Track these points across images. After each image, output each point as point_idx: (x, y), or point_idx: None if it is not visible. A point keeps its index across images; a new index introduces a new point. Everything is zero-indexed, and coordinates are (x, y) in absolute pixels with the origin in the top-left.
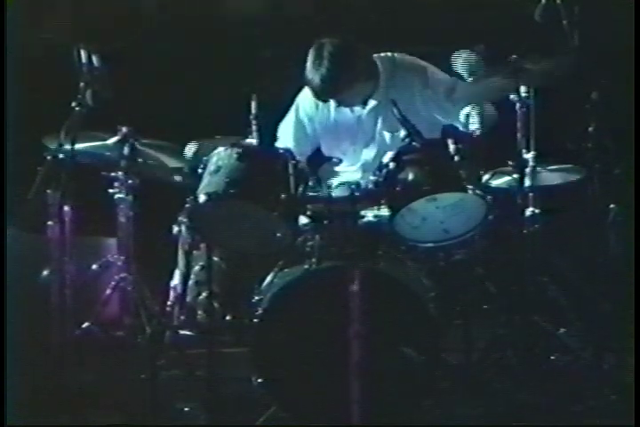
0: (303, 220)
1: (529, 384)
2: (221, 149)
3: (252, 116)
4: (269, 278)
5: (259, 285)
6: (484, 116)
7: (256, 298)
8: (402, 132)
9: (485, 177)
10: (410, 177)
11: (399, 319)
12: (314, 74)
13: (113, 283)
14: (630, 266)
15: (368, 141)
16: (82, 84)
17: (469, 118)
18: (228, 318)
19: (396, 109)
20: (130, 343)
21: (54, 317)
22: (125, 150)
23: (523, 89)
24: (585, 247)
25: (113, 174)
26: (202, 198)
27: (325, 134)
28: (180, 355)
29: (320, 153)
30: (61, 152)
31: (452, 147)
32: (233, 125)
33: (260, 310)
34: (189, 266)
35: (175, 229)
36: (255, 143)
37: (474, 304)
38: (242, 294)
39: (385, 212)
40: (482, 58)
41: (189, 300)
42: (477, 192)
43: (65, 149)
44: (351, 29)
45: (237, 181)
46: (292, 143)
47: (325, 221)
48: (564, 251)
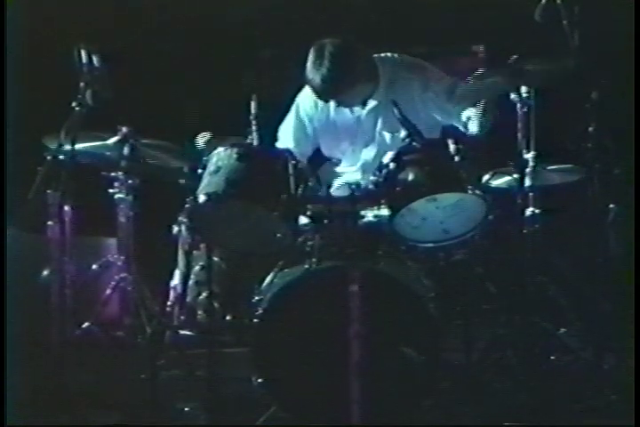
0: (303, 220)
1: (529, 384)
2: (221, 149)
3: (251, 116)
4: (269, 278)
5: (259, 285)
6: (486, 120)
7: (256, 298)
8: (402, 133)
9: (485, 177)
10: (410, 177)
11: (399, 319)
12: (314, 74)
13: (113, 283)
14: (630, 266)
15: (367, 142)
16: (82, 84)
17: (470, 121)
18: (228, 318)
19: (396, 110)
20: (130, 343)
21: (54, 317)
22: (125, 150)
23: (523, 89)
24: (585, 247)
25: (113, 174)
26: (202, 198)
27: (325, 134)
28: (180, 355)
29: (320, 153)
30: (61, 152)
31: (452, 147)
32: (233, 125)
33: (260, 310)
34: (189, 266)
35: (175, 229)
36: (255, 143)
37: (474, 304)
38: (242, 294)
39: (385, 212)
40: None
41: (189, 300)
42: (477, 192)
43: (65, 149)
44: (351, 29)
45: (237, 181)
46: (292, 144)
47: (325, 221)
48: (563, 251)
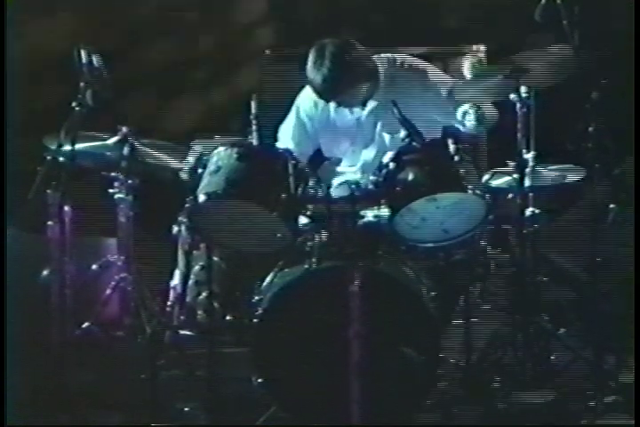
0: (303, 220)
1: (529, 384)
2: (221, 149)
3: (251, 116)
4: (269, 278)
5: (259, 285)
6: (481, 114)
7: (256, 298)
8: (401, 133)
9: (485, 177)
10: (410, 177)
11: (399, 319)
12: (315, 74)
13: (113, 283)
14: (630, 266)
15: (367, 143)
16: (82, 84)
17: (466, 116)
18: (228, 318)
19: (396, 109)
20: (130, 343)
21: (54, 317)
22: (125, 150)
23: (523, 89)
24: (585, 247)
25: (113, 174)
26: (202, 198)
27: (325, 135)
28: (180, 355)
29: (320, 153)
30: (61, 152)
31: (452, 147)
32: (233, 125)
33: (260, 310)
34: (189, 266)
35: (175, 229)
36: (255, 143)
37: (474, 304)
38: (242, 294)
39: (385, 212)
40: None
41: (189, 300)
42: (477, 192)
43: (65, 150)
44: (351, 29)
45: (237, 180)
46: (292, 144)
47: (325, 221)
48: (564, 251)
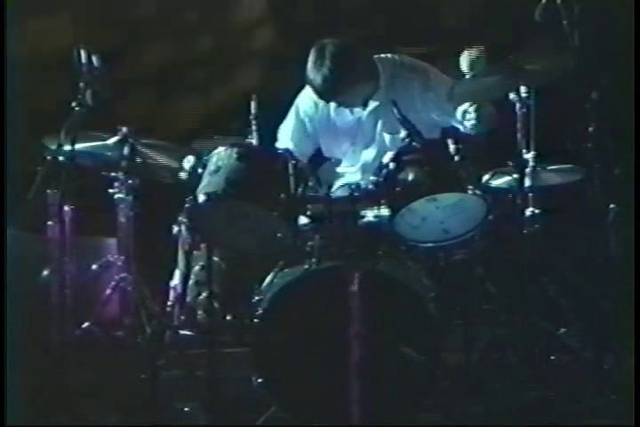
0: (303, 220)
1: (529, 384)
2: (221, 149)
3: (251, 116)
4: (269, 278)
5: (259, 285)
6: (481, 112)
7: (256, 298)
8: (402, 134)
9: (485, 177)
10: (410, 177)
11: (399, 319)
12: (316, 74)
13: (113, 283)
14: (630, 266)
15: (368, 143)
16: (82, 84)
17: (466, 115)
18: (228, 318)
19: (396, 109)
20: (130, 343)
21: (54, 317)
22: (125, 150)
23: (523, 89)
24: (585, 247)
25: (113, 174)
26: (201, 198)
27: (325, 135)
28: (180, 355)
29: (320, 153)
30: (61, 152)
31: (452, 147)
32: (233, 125)
33: (260, 310)
34: (189, 266)
35: (175, 229)
36: (255, 143)
37: (474, 304)
38: (242, 294)
39: (385, 212)
40: (482, 57)
41: (189, 300)
42: (477, 192)
43: (65, 150)
44: (351, 29)
45: (237, 181)
46: (292, 144)
47: (325, 221)
48: (564, 251)
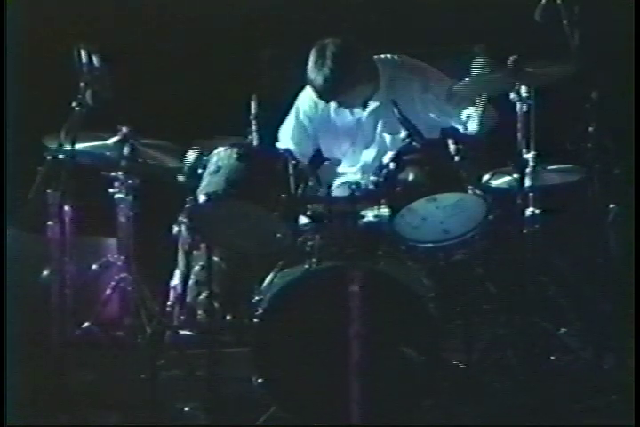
0: (303, 220)
1: (529, 384)
2: (221, 149)
3: (251, 116)
4: (269, 278)
5: (259, 285)
6: (484, 117)
7: (256, 298)
8: (402, 134)
9: (485, 177)
10: (410, 177)
11: (399, 319)
12: (316, 74)
13: (113, 283)
14: (630, 266)
15: (368, 143)
16: (82, 84)
17: (470, 120)
18: (228, 318)
19: (396, 109)
20: (130, 343)
21: (54, 317)
22: (125, 150)
23: (523, 89)
24: (585, 247)
25: (113, 174)
26: (202, 198)
27: (325, 135)
28: (180, 355)
29: (320, 153)
30: (61, 152)
31: (452, 147)
32: (233, 125)
33: (260, 310)
34: (189, 266)
35: (175, 229)
36: (255, 143)
37: (474, 304)
38: (242, 294)
39: (385, 212)
40: (482, 57)
41: (189, 300)
42: (477, 192)
43: (65, 149)
44: (351, 29)
45: (237, 181)
46: (292, 144)
47: (325, 221)
48: (564, 251)
